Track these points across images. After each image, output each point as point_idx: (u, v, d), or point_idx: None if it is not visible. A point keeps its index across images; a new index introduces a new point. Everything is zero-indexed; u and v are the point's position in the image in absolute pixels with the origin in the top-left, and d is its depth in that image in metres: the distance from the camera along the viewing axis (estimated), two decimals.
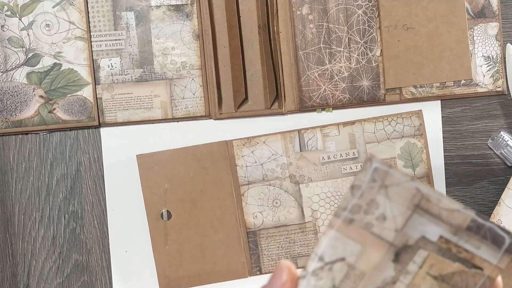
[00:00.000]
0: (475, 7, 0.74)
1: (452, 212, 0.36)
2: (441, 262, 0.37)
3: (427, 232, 0.37)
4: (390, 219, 0.37)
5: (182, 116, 0.73)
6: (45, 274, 0.74)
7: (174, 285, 0.73)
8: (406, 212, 0.37)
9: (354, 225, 0.37)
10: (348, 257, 0.37)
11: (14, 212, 0.74)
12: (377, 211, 0.37)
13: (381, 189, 0.37)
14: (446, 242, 0.37)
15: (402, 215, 0.37)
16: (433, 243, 0.37)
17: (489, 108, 0.75)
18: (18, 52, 0.72)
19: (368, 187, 0.37)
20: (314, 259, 0.37)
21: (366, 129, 0.73)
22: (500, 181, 0.74)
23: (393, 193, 0.37)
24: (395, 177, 0.37)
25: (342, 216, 0.37)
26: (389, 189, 0.37)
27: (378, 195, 0.37)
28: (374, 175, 0.37)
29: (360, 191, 0.37)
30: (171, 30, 0.73)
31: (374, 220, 0.37)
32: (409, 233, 0.37)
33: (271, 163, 0.73)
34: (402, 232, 0.37)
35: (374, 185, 0.37)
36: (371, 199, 0.37)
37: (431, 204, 0.37)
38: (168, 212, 0.72)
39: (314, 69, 0.73)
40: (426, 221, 0.37)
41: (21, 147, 0.74)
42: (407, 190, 0.37)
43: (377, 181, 0.37)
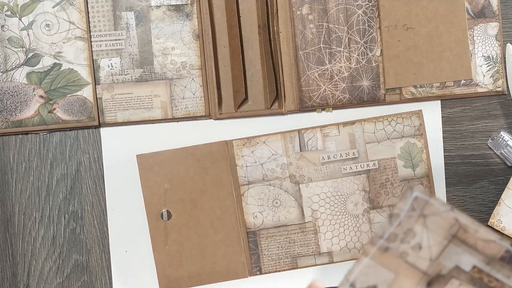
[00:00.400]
0: (475, 7, 0.74)
1: (488, 242, 0.37)
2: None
3: (461, 262, 0.37)
4: (426, 248, 0.37)
5: (182, 116, 0.73)
6: (45, 274, 0.74)
7: (174, 285, 0.73)
8: (443, 242, 0.37)
9: (389, 253, 0.37)
10: (380, 285, 0.37)
11: (14, 212, 0.74)
12: (414, 240, 0.37)
13: (420, 218, 0.37)
14: (479, 272, 0.37)
15: (438, 245, 0.37)
16: (466, 273, 0.37)
17: (489, 108, 0.75)
18: (18, 52, 0.72)
19: (406, 216, 0.37)
20: (345, 285, 0.37)
21: (366, 129, 0.73)
22: (500, 181, 0.74)
23: (431, 222, 0.37)
24: (435, 206, 0.37)
25: (378, 244, 0.38)
26: (428, 218, 0.37)
27: (416, 224, 0.37)
28: (414, 204, 0.37)
29: (398, 219, 0.37)
30: (171, 30, 0.73)
31: (409, 249, 0.37)
32: (443, 263, 0.37)
33: (271, 163, 0.73)
34: (437, 262, 0.37)
35: (413, 214, 0.37)
36: (409, 228, 0.37)
37: (468, 235, 0.37)
38: (168, 212, 0.72)
39: (314, 69, 0.73)
40: (461, 251, 0.37)
41: (21, 147, 0.74)
42: (445, 220, 0.37)
43: (416, 210, 0.37)
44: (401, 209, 0.37)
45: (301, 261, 0.73)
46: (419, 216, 0.37)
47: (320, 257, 0.73)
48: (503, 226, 0.70)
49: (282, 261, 0.73)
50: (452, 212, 0.37)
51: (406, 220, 0.37)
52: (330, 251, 0.73)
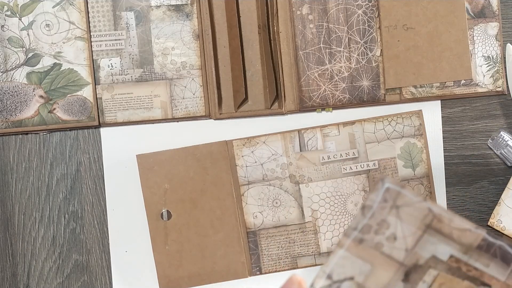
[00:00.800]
0: (475, 7, 0.74)
1: (464, 231, 0.37)
2: (450, 281, 0.37)
3: (437, 252, 0.37)
4: (401, 239, 0.37)
5: (182, 116, 0.73)
6: (45, 274, 0.74)
7: (174, 285, 0.73)
8: (417, 232, 0.37)
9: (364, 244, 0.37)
10: (357, 276, 0.37)
11: (14, 212, 0.74)
12: (388, 231, 0.37)
13: (393, 209, 0.37)
14: (457, 261, 0.37)
15: (413, 235, 0.37)
16: (444, 262, 0.37)
17: (489, 108, 0.75)
18: (18, 52, 0.72)
19: (379, 207, 0.37)
20: (322, 277, 0.37)
21: (366, 129, 0.73)
22: (500, 181, 0.74)
23: (404, 213, 0.37)
24: (407, 197, 0.37)
25: (352, 235, 0.38)
26: (401, 209, 0.37)
27: (389, 215, 0.37)
28: (386, 196, 0.37)
29: (371, 211, 0.37)
30: (171, 30, 0.73)
31: (384, 240, 0.37)
32: (420, 253, 0.37)
33: (271, 163, 0.73)
34: (413, 252, 0.37)
35: (385, 206, 0.37)
36: (382, 219, 0.37)
37: (443, 224, 0.37)
38: (168, 212, 0.72)
39: (314, 69, 0.73)
40: (437, 241, 0.37)
41: (21, 147, 0.74)
42: (419, 210, 0.37)
43: (389, 202, 0.37)
44: (373, 200, 0.38)
45: (301, 261, 0.73)
46: (392, 207, 0.37)
47: (320, 257, 0.73)
48: (503, 226, 0.70)
49: (282, 261, 0.73)
50: (425, 202, 0.37)
51: (379, 212, 0.37)
52: (330, 251, 0.73)
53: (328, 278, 0.37)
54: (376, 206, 0.38)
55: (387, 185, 0.37)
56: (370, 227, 0.37)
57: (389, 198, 0.37)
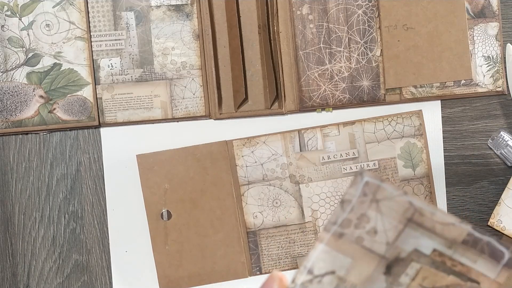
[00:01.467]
0: (475, 7, 0.74)
1: (447, 225, 0.36)
2: (434, 275, 0.37)
3: (420, 245, 0.37)
4: (382, 232, 0.37)
5: (182, 116, 0.73)
6: (45, 274, 0.74)
7: (174, 285, 0.73)
8: (398, 226, 0.37)
9: (344, 239, 0.37)
10: (338, 270, 0.37)
11: (14, 212, 0.74)
12: (368, 225, 0.37)
13: (372, 203, 0.37)
14: (440, 255, 0.37)
15: (394, 229, 0.37)
16: (427, 256, 0.37)
17: (489, 108, 0.75)
18: (18, 52, 0.72)
19: (358, 201, 0.37)
20: (303, 272, 0.37)
21: (366, 129, 0.73)
22: (500, 181, 0.74)
23: (384, 207, 0.37)
24: (387, 191, 0.37)
25: (332, 230, 0.37)
26: (381, 203, 0.37)
27: (369, 209, 0.37)
28: (365, 189, 0.37)
29: (350, 205, 0.37)
30: (171, 30, 0.73)
31: (364, 234, 0.37)
32: (401, 246, 0.37)
33: (271, 163, 0.73)
34: (394, 246, 0.37)
35: (365, 200, 0.37)
36: (362, 214, 0.37)
37: (425, 218, 0.36)
38: (168, 212, 0.72)
39: (314, 69, 0.73)
40: (419, 234, 0.37)
41: (21, 147, 0.74)
42: (399, 204, 0.37)
43: (368, 195, 0.37)
44: (352, 194, 0.37)
45: (301, 261, 0.73)
46: (372, 201, 0.37)
47: None
48: (503, 226, 0.70)
49: (282, 261, 0.73)
50: (405, 196, 0.36)
51: (358, 206, 0.37)
52: None
53: (309, 273, 0.37)
54: (355, 200, 0.37)
55: (366, 179, 0.37)
56: (350, 221, 0.37)
57: (369, 192, 0.37)
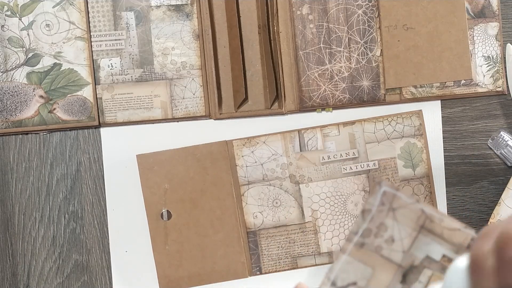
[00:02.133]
0: (475, 7, 0.74)
1: (454, 231, 0.38)
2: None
3: (431, 252, 0.38)
4: (398, 241, 0.38)
5: (182, 116, 0.73)
6: (45, 274, 0.74)
7: (174, 285, 0.73)
8: (412, 233, 0.38)
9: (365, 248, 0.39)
10: (359, 281, 0.38)
11: (14, 212, 0.74)
12: (386, 233, 0.38)
13: (390, 212, 0.38)
14: (449, 260, 0.38)
15: (409, 237, 0.38)
16: (437, 262, 0.38)
17: (489, 108, 0.75)
18: (18, 52, 0.72)
19: (377, 210, 0.39)
20: (327, 284, 0.38)
21: (366, 129, 0.73)
22: (500, 181, 0.74)
23: (400, 215, 0.38)
24: (402, 199, 0.38)
25: (354, 240, 0.39)
26: (397, 211, 0.38)
27: (386, 218, 0.38)
28: (383, 199, 0.38)
29: (371, 215, 0.39)
30: (171, 30, 0.73)
31: (383, 242, 0.38)
32: (415, 254, 0.38)
33: (271, 163, 0.73)
34: (409, 253, 0.38)
35: (383, 209, 0.38)
36: (381, 223, 0.39)
37: (434, 224, 0.38)
38: (168, 212, 0.72)
39: (314, 69, 0.73)
40: (430, 240, 0.38)
41: (21, 147, 0.74)
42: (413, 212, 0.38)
43: (386, 204, 0.39)
44: (372, 204, 0.39)
45: (301, 261, 0.73)
46: (389, 209, 0.39)
47: (320, 257, 0.73)
48: None
49: (282, 261, 0.73)
50: (418, 203, 0.38)
51: (377, 215, 0.39)
52: (330, 251, 0.73)
53: (333, 285, 0.38)
54: (375, 210, 0.39)
55: (384, 188, 0.39)
56: (370, 230, 0.39)
57: (386, 201, 0.39)
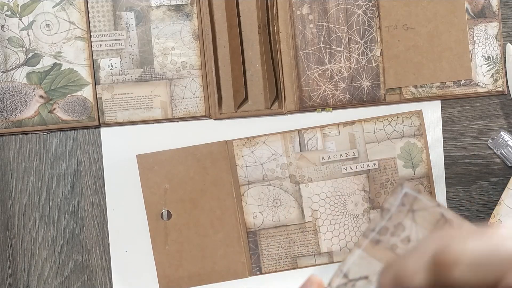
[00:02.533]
0: (475, 7, 0.74)
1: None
2: None
3: None
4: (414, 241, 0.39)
5: (182, 116, 0.73)
6: (45, 274, 0.74)
7: (174, 285, 0.73)
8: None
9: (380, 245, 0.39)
10: (371, 276, 0.39)
11: (14, 212, 0.74)
12: (403, 233, 0.39)
13: (409, 213, 0.39)
14: None
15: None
16: None
17: (489, 108, 0.75)
18: (18, 52, 0.72)
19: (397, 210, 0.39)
20: (339, 275, 0.40)
21: (366, 129, 0.73)
22: (500, 181, 0.74)
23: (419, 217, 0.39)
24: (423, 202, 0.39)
25: (370, 236, 0.39)
26: (416, 213, 0.39)
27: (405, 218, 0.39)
28: (404, 200, 0.39)
29: (389, 214, 0.39)
30: (171, 30, 0.73)
31: (399, 242, 0.39)
32: None
33: (271, 163, 0.73)
34: None
35: (402, 209, 0.39)
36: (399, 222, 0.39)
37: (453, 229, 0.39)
38: (168, 212, 0.72)
39: (314, 69, 0.73)
40: None
41: (21, 147, 0.74)
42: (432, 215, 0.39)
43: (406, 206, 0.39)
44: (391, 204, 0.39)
45: (301, 261, 0.73)
46: (409, 211, 0.39)
47: (320, 257, 0.73)
48: None
49: (282, 261, 0.73)
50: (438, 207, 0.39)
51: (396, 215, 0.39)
52: (330, 251, 0.73)
53: (345, 276, 0.39)
54: (394, 210, 0.39)
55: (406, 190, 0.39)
56: (387, 229, 0.39)
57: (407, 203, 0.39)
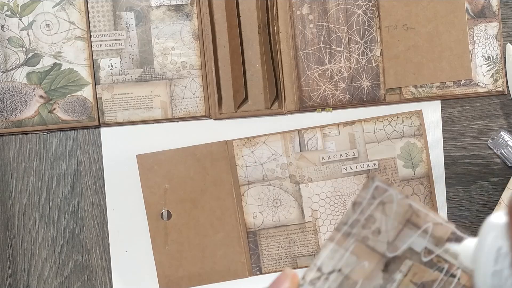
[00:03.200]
0: (475, 7, 0.74)
1: (436, 225, 0.40)
2: (423, 271, 0.40)
3: (414, 244, 0.41)
4: (384, 232, 0.41)
5: (182, 116, 0.73)
6: (45, 274, 0.74)
7: (174, 285, 0.73)
8: (398, 226, 0.41)
9: (352, 238, 0.41)
10: (344, 268, 0.40)
11: (14, 212, 0.74)
12: (374, 225, 0.41)
13: (379, 205, 0.41)
14: (429, 252, 0.40)
15: (394, 229, 0.41)
16: (418, 254, 0.40)
17: (489, 108, 0.75)
18: (18, 52, 0.72)
19: (368, 203, 0.41)
20: (313, 269, 0.40)
21: (366, 129, 0.73)
22: (500, 181, 0.74)
23: (389, 209, 0.41)
24: (393, 195, 0.41)
25: (342, 230, 0.41)
26: (386, 205, 0.41)
27: (376, 211, 0.41)
28: (375, 193, 0.41)
29: (361, 207, 0.41)
30: (171, 30, 0.73)
31: (370, 233, 0.41)
32: (399, 245, 0.41)
33: (271, 163, 0.73)
34: (393, 245, 0.41)
35: (373, 202, 0.41)
36: (370, 215, 0.41)
37: (420, 219, 0.40)
38: (168, 212, 0.72)
39: (314, 69, 0.73)
40: (414, 233, 0.40)
41: (21, 147, 0.74)
42: (401, 206, 0.41)
43: (377, 199, 0.41)
44: (363, 197, 0.41)
45: (301, 261, 0.73)
46: (379, 203, 0.41)
47: None
48: None
49: (282, 261, 0.73)
50: (407, 199, 0.41)
51: (367, 208, 0.41)
52: None
53: (318, 270, 0.40)
54: (365, 203, 0.41)
55: (377, 183, 0.41)
56: (358, 221, 0.41)
57: (377, 195, 0.41)
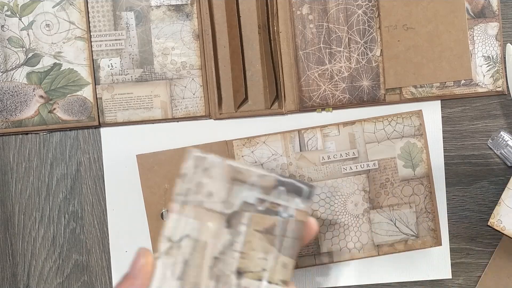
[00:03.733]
0: (475, 7, 0.74)
1: (261, 177, 0.45)
2: (262, 218, 0.45)
3: (246, 198, 0.45)
4: (216, 194, 0.46)
5: (182, 116, 0.73)
6: (45, 274, 0.74)
7: None
8: (226, 185, 0.45)
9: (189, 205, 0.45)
10: (191, 233, 0.45)
11: (14, 212, 0.74)
12: (204, 190, 0.46)
13: (204, 172, 0.46)
14: (262, 201, 0.45)
15: (224, 189, 0.45)
16: (253, 205, 0.45)
17: (489, 108, 0.75)
18: (18, 52, 0.72)
19: (193, 172, 0.46)
20: (163, 241, 0.45)
21: (366, 129, 0.73)
22: (500, 181, 0.74)
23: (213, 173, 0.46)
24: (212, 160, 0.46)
25: (178, 200, 0.46)
26: (209, 170, 0.46)
27: (202, 177, 0.46)
28: (196, 162, 0.46)
29: (188, 177, 0.46)
30: (171, 30, 0.73)
31: (204, 197, 0.46)
32: (233, 202, 0.45)
33: (271, 163, 0.73)
34: (228, 202, 0.45)
35: (197, 170, 0.46)
36: (198, 182, 0.46)
37: (244, 175, 0.45)
38: (168, 212, 0.72)
39: (314, 69, 0.73)
40: (243, 189, 0.45)
41: (21, 147, 0.74)
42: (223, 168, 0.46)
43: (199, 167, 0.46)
44: (187, 168, 0.46)
45: (301, 261, 0.73)
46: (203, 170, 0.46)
47: (320, 257, 0.73)
48: (503, 226, 0.70)
49: None
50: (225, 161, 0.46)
51: (193, 176, 0.46)
52: (330, 251, 0.73)
53: (169, 240, 0.45)
54: (191, 173, 0.46)
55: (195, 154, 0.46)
56: (189, 189, 0.46)
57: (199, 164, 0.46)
